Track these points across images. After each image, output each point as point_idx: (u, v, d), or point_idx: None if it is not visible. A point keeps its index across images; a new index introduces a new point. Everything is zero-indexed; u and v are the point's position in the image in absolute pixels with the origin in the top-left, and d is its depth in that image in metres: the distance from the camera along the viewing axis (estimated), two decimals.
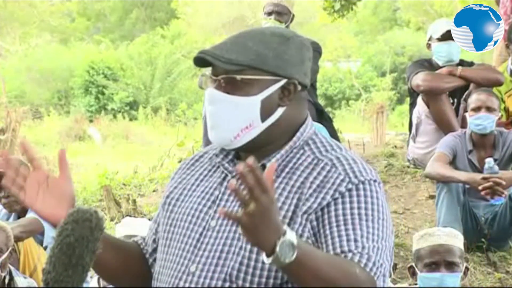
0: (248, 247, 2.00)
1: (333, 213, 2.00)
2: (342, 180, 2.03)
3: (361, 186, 2.03)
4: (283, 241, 1.79)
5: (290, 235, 1.81)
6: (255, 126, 2.07)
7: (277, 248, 1.79)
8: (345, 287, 1.87)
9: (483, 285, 4.85)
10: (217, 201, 2.10)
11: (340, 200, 2.01)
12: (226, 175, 2.13)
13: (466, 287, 4.65)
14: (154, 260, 2.23)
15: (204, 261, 2.03)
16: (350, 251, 1.94)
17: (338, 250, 1.95)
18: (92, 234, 1.84)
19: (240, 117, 2.07)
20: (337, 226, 1.98)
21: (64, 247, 1.83)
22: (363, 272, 1.91)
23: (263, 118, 2.08)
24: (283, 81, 2.08)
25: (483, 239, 5.05)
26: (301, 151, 2.11)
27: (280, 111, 2.09)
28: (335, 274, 1.87)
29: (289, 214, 2.01)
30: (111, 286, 3.76)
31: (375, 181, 2.07)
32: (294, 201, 2.03)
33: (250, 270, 1.99)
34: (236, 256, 2.00)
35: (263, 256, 1.85)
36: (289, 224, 2.00)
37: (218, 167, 2.17)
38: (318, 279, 1.85)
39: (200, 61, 2.10)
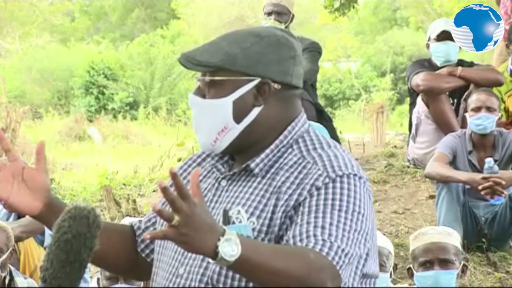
0: None
1: (307, 205, 1.97)
2: (320, 175, 2.00)
3: (338, 179, 1.99)
4: (223, 240, 1.80)
5: (230, 234, 1.81)
6: (230, 128, 2.05)
7: (219, 249, 1.79)
8: (299, 274, 1.84)
9: (483, 285, 4.85)
10: (208, 203, 2.08)
11: (315, 193, 1.98)
12: (219, 177, 2.13)
13: (466, 287, 4.65)
14: (143, 241, 2.23)
15: (191, 263, 2.03)
16: (314, 235, 1.91)
17: (304, 236, 1.92)
18: (89, 231, 1.84)
19: (215, 120, 2.06)
20: (308, 214, 1.95)
21: (61, 244, 1.83)
22: (320, 258, 1.88)
23: (237, 119, 2.05)
24: (256, 81, 2.05)
25: (483, 239, 5.05)
26: (289, 150, 2.08)
27: (256, 111, 2.06)
28: (285, 263, 1.85)
29: (268, 215, 2.00)
30: (111, 286, 3.76)
31: (355, 175, 2.02)
32: (273, 201, 2.01)
33: (230, 274, 1.98)
34: None
35: (209, 259, 1.85)
36: (268, 226, 1.99)
37: (213, 169, 2.17)
38: (268, 271, 1.84)
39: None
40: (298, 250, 1.90)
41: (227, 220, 2.01)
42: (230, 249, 1.79)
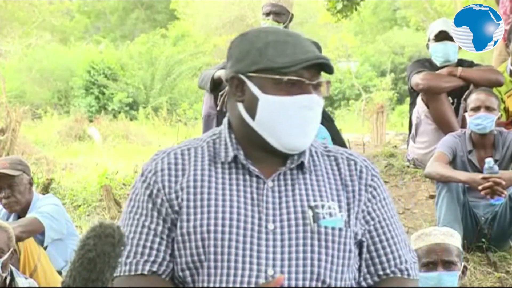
0: (328, 244, 2.05)
1: (375, 213, 2.14)
2: (366, 174, 2.15)
3: (379, 178, 2.19)
4: None
5: None
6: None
7: None
8: None
9: (483, 285, 4.85)
10: (263, 204, 2.07)
11: (370, 193, 2.14)
12: (250, 173, 2.11)
13: (466, 287, 4.65)
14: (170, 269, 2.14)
15: (280, 263, 2.01)
16: (400, 263, 2.18)
17: (395, 262, 2.17)
18: (114, 250, 1.80)
19: (319, 120, 2.14)
20: (381, 228, 2.15)
21: (85, 262, 1.78)
22: (412, 282, 2.17)
23: None
24: None
25: (483, 239, 5.05)
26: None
27: None
28: None
29: (345, 207, 2.11)
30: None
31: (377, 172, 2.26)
32: (345, 198, 2.12)
33: (335, 263, 2.05)
34: (319, 255, 2.02)
35: None
36: (349, 220, 2.10)
37: (233, 167, 2.13)
38: None
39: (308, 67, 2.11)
40: None
41: (316, 216, 2.05)
42: None
